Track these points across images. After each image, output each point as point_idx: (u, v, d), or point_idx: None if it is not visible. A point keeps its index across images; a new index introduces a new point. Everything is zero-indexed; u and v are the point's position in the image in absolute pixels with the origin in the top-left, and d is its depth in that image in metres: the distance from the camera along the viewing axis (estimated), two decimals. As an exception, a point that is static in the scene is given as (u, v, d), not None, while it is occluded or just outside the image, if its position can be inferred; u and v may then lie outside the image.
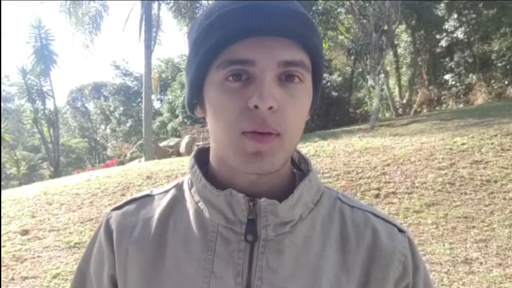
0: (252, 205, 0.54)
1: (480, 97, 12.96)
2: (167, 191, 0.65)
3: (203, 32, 0.52)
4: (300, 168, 0.63)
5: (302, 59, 0.51)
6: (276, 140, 0.50)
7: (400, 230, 0.61)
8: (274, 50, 0.49)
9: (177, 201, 0.62)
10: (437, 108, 14.08)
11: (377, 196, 4.79)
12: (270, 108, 0.48)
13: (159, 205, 0.62)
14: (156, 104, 24.15)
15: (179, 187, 0.64)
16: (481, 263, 3.35)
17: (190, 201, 0.60)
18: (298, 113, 0.52)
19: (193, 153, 0.63)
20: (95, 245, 0.65)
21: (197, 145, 10.30)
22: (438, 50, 14.39)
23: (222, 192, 0.54)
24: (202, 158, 0.63)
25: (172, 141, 12.14)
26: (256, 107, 0.48)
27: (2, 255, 3.91)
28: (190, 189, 0.61)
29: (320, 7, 12.06)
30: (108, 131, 25.82)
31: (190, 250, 0.56)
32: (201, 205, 0.58)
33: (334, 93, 12.85)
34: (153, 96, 15.80)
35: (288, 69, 0.51)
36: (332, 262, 0.56)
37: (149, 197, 0.65)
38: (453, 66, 13.97)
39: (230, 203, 0.54)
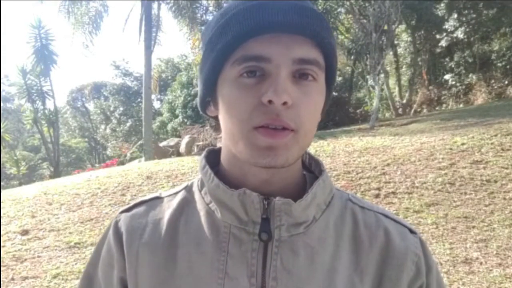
0: (267, 204, 0.54)
1: (480, 97, 12.96)
2: (176, 193, 0.64)
3: (219, 29, 0.52)
4: (310, 170, 0.63)
5: (317, 58, 0.52)
6: (291, 136, 0.50)
7: (411, 231, 0.61)
8: (290, 47, 0.50)
9: (187, 203, 0.62)
10: (437, 108, 14.08)
11: (377, 196, 4.79)
12: (285, 103, 0.48)
13: (169, 207, 0.62)
14: (156, 104, 24.16)
15: (188, 189, 0.64)
16: (481, 263, 3.35)
17: (201, 202, 0.60)
18: (312, 111, 0.52)
19: (203, 154, 0.63)
20: (104, 248, 0.64)
21: (197, 145, 10.30)
22: (438, 50, 14.40)
23: (236, 191, 0.54)
24: (212, 160, 0.62)
25: (172, 141, 12.12)
26: (270, 102, 0.48)
27: (2, 255, 3.91)
28: (200, 190, 0.61)
29: (320, 7, 12.06)
30: (108, 131, 25.82)
31: (203, 251, 0.56)
32: (213, 206, 0.58)
33: (334, 93, 12.83)
34: (153, 96, 15.80)
35: (302, 67, 0.51)
36: (345, 263, 0.56)
37: (158, 199, 0.65)
38: (453, 66, 13.97)
39: (243, 202, 0.54)
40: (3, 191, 6.73)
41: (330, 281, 0.54)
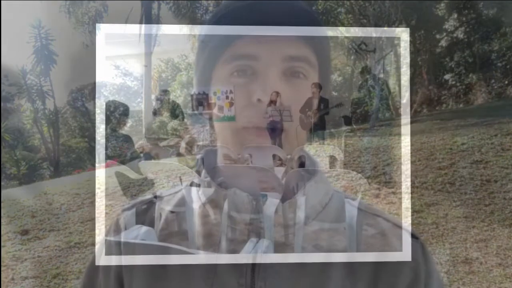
0: (255, 204, 0.54)
1: (480, 97, 12.96)
2: (176, 193, 0.65)
3: (210, 30, 0.53)
4: (308, 170, 0.62)
5: (307, 55, 0.52)
6: (281, 135, 0.51)
7: (413, 236, 0.59)
8: (278, 45, 0.50)
9: (184, 202, 0.62)
10: (437, 108, 14.07)
11: (377, 196, 4.79)
12: (274, 102, 0.49)
13: (168, 206, 0.63)
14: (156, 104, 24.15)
15: (187, 189, 0.64)
16: (481, 263, 3.34)
17: (197, 202, 0.60)
18: (303, 108, 0.52)
19: (200, 154, 0.64)
20: (105, 245, 0.65)
21: (197, 145, 10.30)
22: (438, 50, 14.39)
23: (226, 191, 0.54)
24: (210, 159, 0.63)
25: (172, 141, 12.12)
26: (259, 100, 0.49)
27: (2, 255, 3.91)
28: (198, 190, 0.62)
29: (320, 7, 12.05)
30: (108, 131, 25.84)
31: (195, 250, 0.56)
32: (207, 205, 0.58)
33: (334, 93, 12.85)
34: (153, 96, 15.80)
35: (292, 65, 0.51)
36: (339, 267, 0.55)
37: (157, 198, 0.66)
38: (453, 66, 13.97)
39: (234, 202, 0.54)
40: (3, 191, 6.73)
41: (320, 284, 0.53)
